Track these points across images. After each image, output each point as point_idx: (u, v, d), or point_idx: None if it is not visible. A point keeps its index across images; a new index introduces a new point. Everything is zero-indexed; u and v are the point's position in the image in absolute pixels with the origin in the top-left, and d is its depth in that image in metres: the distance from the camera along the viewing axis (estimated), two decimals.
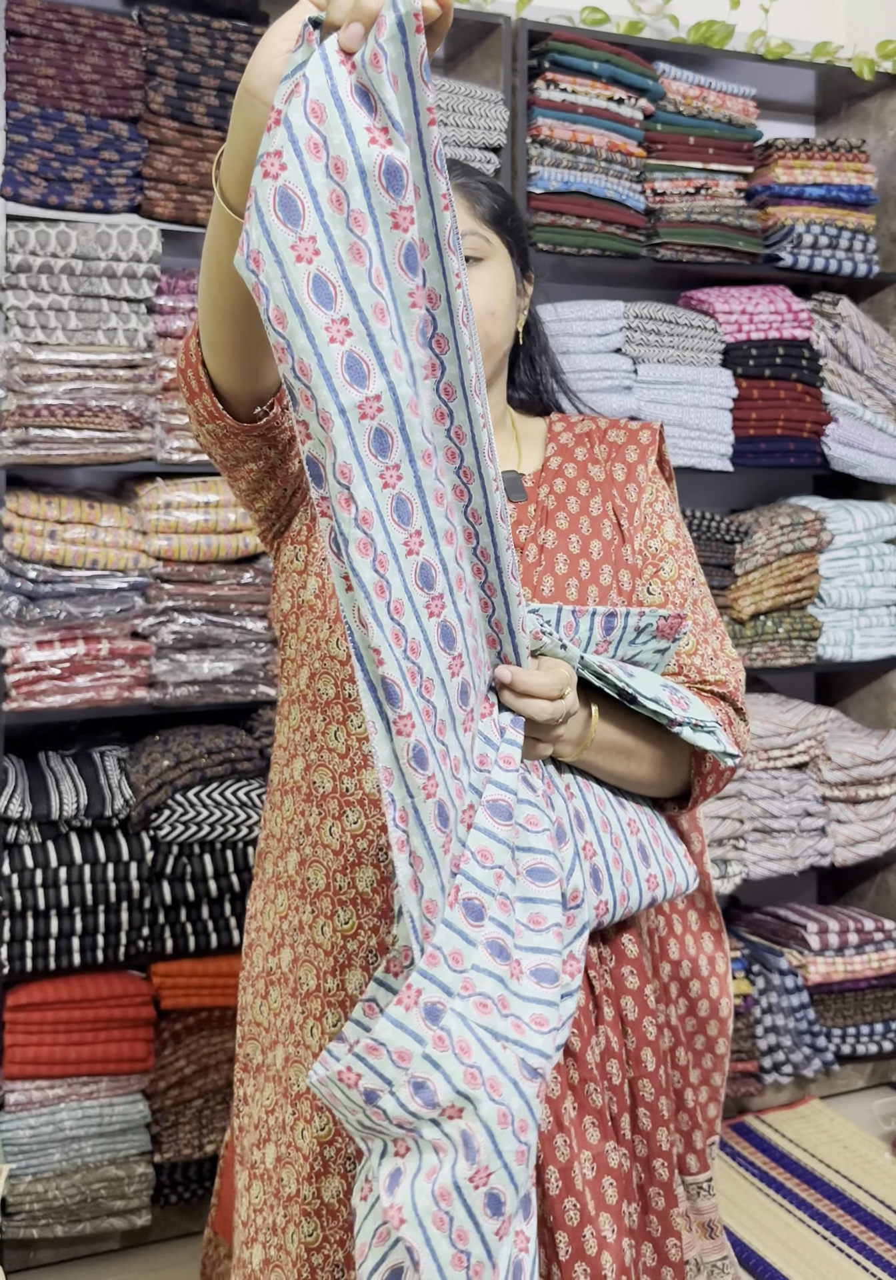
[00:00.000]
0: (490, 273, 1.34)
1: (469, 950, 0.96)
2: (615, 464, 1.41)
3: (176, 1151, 2.43)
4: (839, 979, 2.95)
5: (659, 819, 1.32)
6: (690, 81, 2.86)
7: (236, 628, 2.47)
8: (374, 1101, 0.93)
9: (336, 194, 0.87)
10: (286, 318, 0.87)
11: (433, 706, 0.95)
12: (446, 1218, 0.91)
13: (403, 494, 0.93)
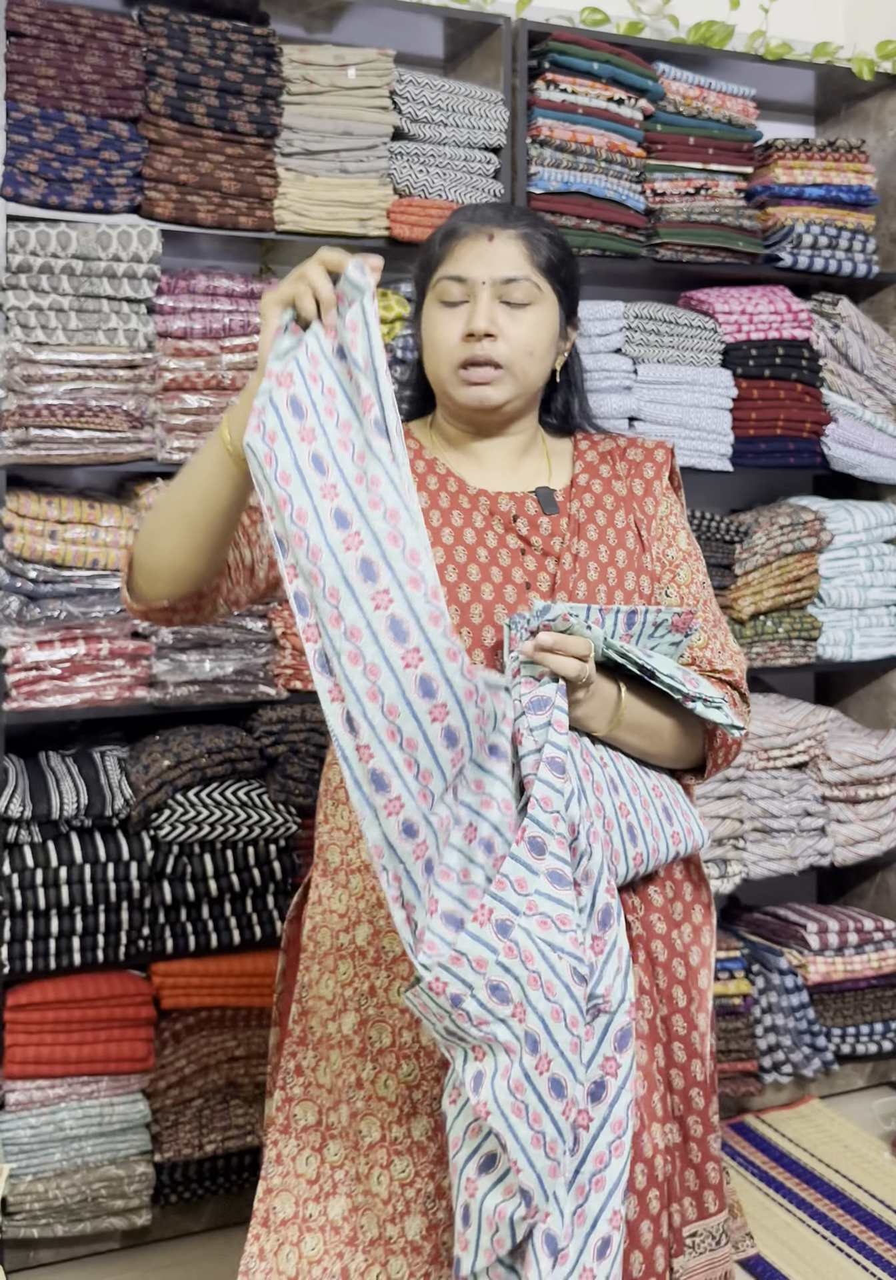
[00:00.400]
0: (535, 315, 1.48)
1: (532, 878, 1.21)
2: (634, 480, 1.56)
3: (176, 1151, 2.44)
4: (838, 979, 2.95)
5: (676, 786, 1.48)
6: (690, 82, 2.86)
7: (237, 627, 2.48)
8: (458, 1005, 1.17)
9: (329, 407, 1.24)
10: (290, 478, 1.19)
11: (428, 790, 1.18)
12: (522, 1105, 1.18)
13: (395, 614, 1.16)
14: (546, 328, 1.49)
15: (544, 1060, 1.18)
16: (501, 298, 1.46)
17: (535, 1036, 1.18)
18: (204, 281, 2.43)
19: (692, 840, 1.45)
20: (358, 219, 2.53)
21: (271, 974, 2.49)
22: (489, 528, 1.50)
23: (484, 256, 1.46)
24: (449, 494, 1.51)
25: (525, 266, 1.46)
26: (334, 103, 2.50)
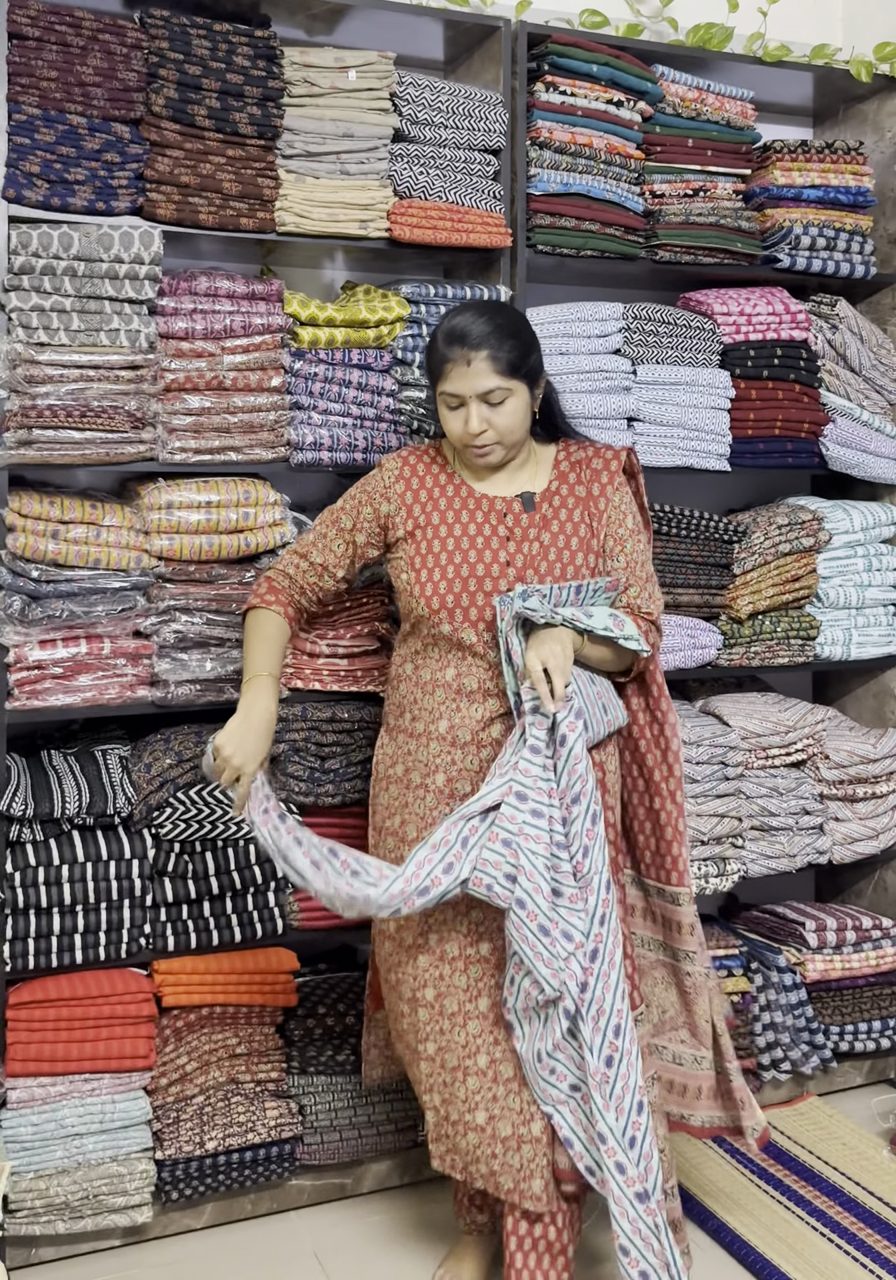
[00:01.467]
0: (510, 406, 2.10)
1: (520, 814, 2.00)
2: (593, 484, 2.20)
3: (178, 1148, 2.44)
4: (837, 976, 2.96)
5: (610, 687, 2.19)
6: (689, 84, 2.87)
7: (238, 627, 2.48)
8: (490, 890, 2.00)
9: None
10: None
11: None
12: (526, 936, 1.98)
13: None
14: (519, 409, 2.12)
15: (531, 914, 1.96)
16: (484, 400, 2.09)
17: (523, 899, 1.97)
18: (205, 283, 2.44)
19: (618, 721, 2.19)
20: (358, 220, 2.54)
21: (272, 972, 2.50)
22: (486, 521, 2.15)
23: (465, 377, 2.08)
24: (461, 498, 2.18)
25: (494, 379, 2.08)
26: (335, 105, 2.52)
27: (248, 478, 2.52)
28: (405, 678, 2.21)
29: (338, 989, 2.65)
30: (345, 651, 2.56)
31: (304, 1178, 2.60)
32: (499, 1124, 2.08)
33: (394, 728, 2.23)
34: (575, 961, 1.98)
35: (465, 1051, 2.11)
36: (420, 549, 2.15)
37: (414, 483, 2.21)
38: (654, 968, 2.31)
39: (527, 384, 2.12)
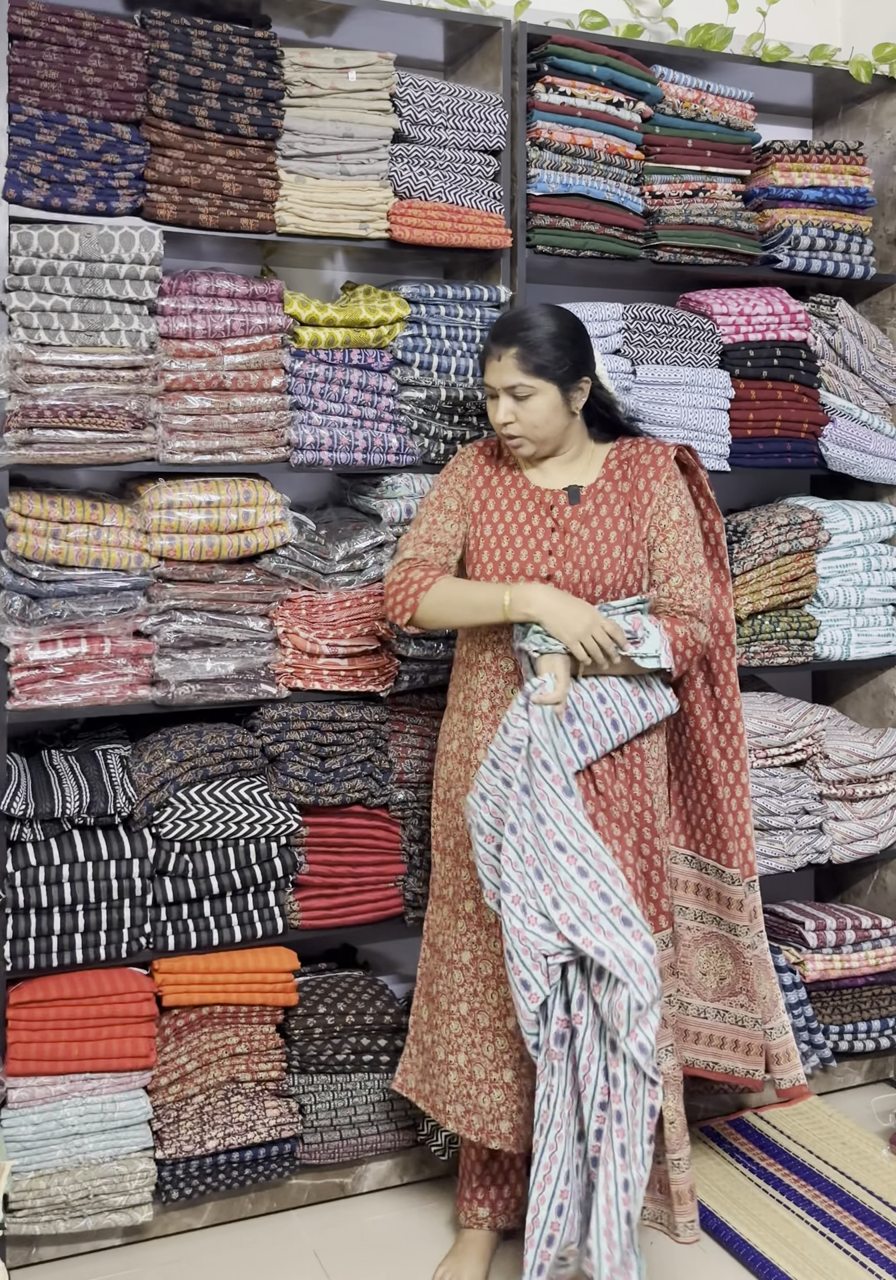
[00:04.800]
0: (534, 403, 2.22)
1: (506, 790, 2.13)
2: (638, 479, 2.30)
3: (178, 1148, 2.44)
4: (836, 976, 2.96)
5: (654, 681, 2.24)
6: (688, 85, 2.88)
7: (238, 626, 2.49)
8: (480, 831, 2.16)
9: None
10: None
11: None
12: (510, 887, 2.07)
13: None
14: (544, 408, 2.22)
15: (510, 862, 2.07)
16: (512, 395, 2.22)
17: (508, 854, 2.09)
18: (205, 283, 2.44)
19: (663, 711, 2.24)
20: (358, 221, 2.54)
21: (272, 971, 2.51)
22: (536, 512, 2.29)
23: (496, 371, 2.24)
24: (516, 489, 2.32)
25: (519, 376, 2.21)
26: (335, 105, 2.52)
27: (248, 478, 2.52)
28: (460, 659, 2.37)
29: (338, 988, 2.65)
30: (345, 651, 2.56)
31: (304, 1177, 2.61)
32: (525, 1082, 2.23)
33: (451, 706, 2.38)
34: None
35: (497, 1014, 2.25)
36: (478, 533, 2.31)
37: (486, 470, 2.36)
38: (708, 939, 2.43)
39: (558, 385, 2.22)
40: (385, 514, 2.60)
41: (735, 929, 2.39)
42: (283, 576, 2.53)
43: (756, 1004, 2.40)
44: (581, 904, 2.02)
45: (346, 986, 2.67)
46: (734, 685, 2.41)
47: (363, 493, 2.73)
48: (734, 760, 2.40)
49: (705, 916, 2.43)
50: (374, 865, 2.62)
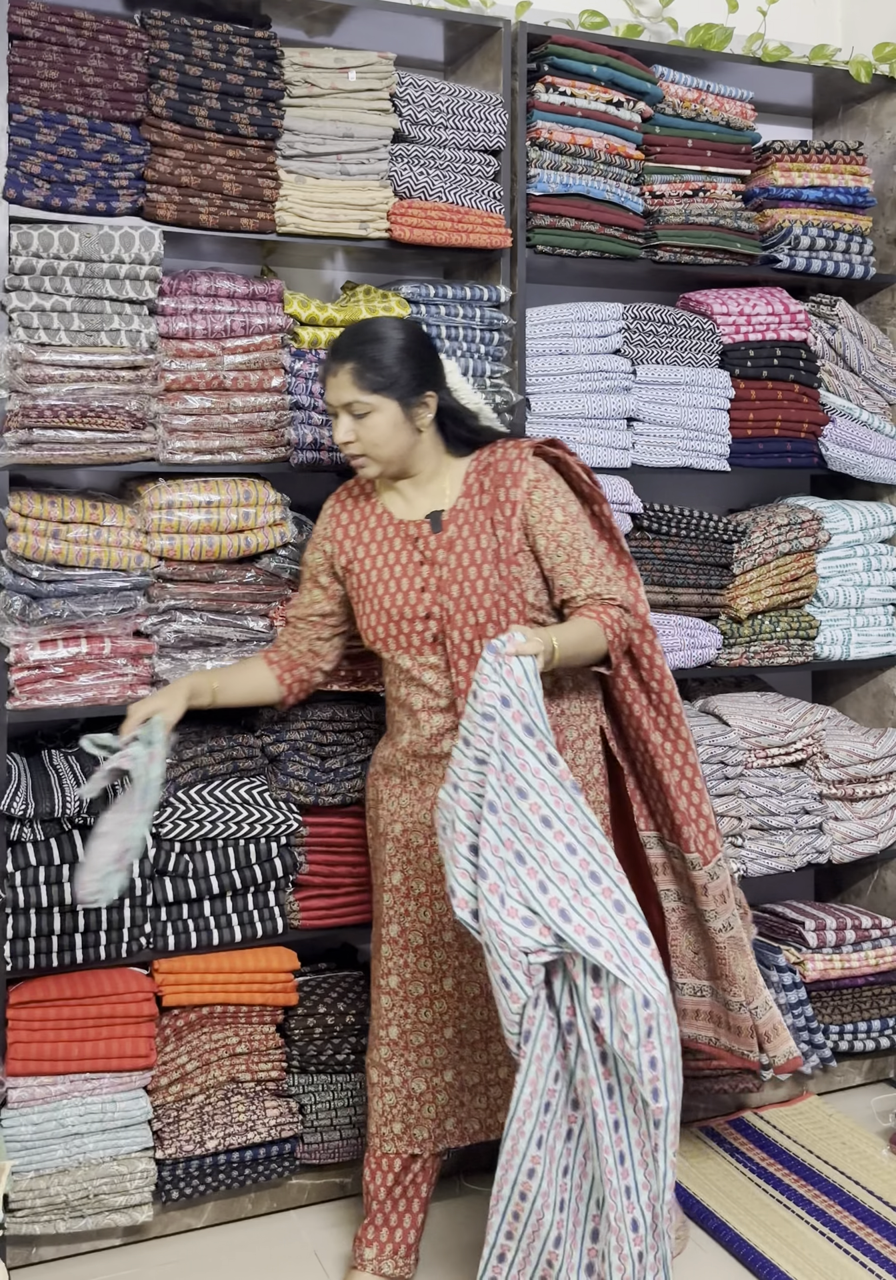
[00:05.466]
0: (372, 420, 2.14)
1: (464, 774, 1.94)
2: (498, 489, 2.20)
3: (178, 1148, 2.44)
4: (836, 976, 2.96)
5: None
6: (688, 84, 2.88)
7: (238, 626, 2.49)
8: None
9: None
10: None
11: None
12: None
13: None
14: (383, 425, 2.14)
15: (460, 835, 1.90)
16: (350, 413, 2.15)
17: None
18: (205, 283, 2.44)
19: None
20: (358, 221, 2.54)
21: (272, 971, 2.51)
22: (403, 548, 2.22)
23: (334, 389, 2.16)
24: (382, 527, 2.26)
25: (355, 393, 2.13)
26: (335, 105, 2.52)
27: (248, 478, 2.52)
28: (386, 692, 2.34)
29: (338, 988, 2.65)
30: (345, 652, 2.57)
31: (304, 1177, 2.61)
32: (467, 1077, 2.27)
33: (386, 733, 2.36)
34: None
35: (487, 1024, 2.25)
36: (355, 584, 2.27)
37: (344, 518, 2.30)
38: (692, 919, 2.41)
39: (398, 402, 2.14)
40: None
41: (704, 914, 2.36)
42: (283, 576, 2.53)
43: (737, 986, 2.37)
44: (572, 885, 1.84)
45: (346, 986, 2.67)
46: (661, 667, 2.32)
47: None
48: (677, 741, 2.33)
49: (683, 897, 2.41)
50: None
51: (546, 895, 1.84)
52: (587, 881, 1.85)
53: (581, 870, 1.85)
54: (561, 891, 1.84)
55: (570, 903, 1.83)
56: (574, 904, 1.83)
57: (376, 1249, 2.30)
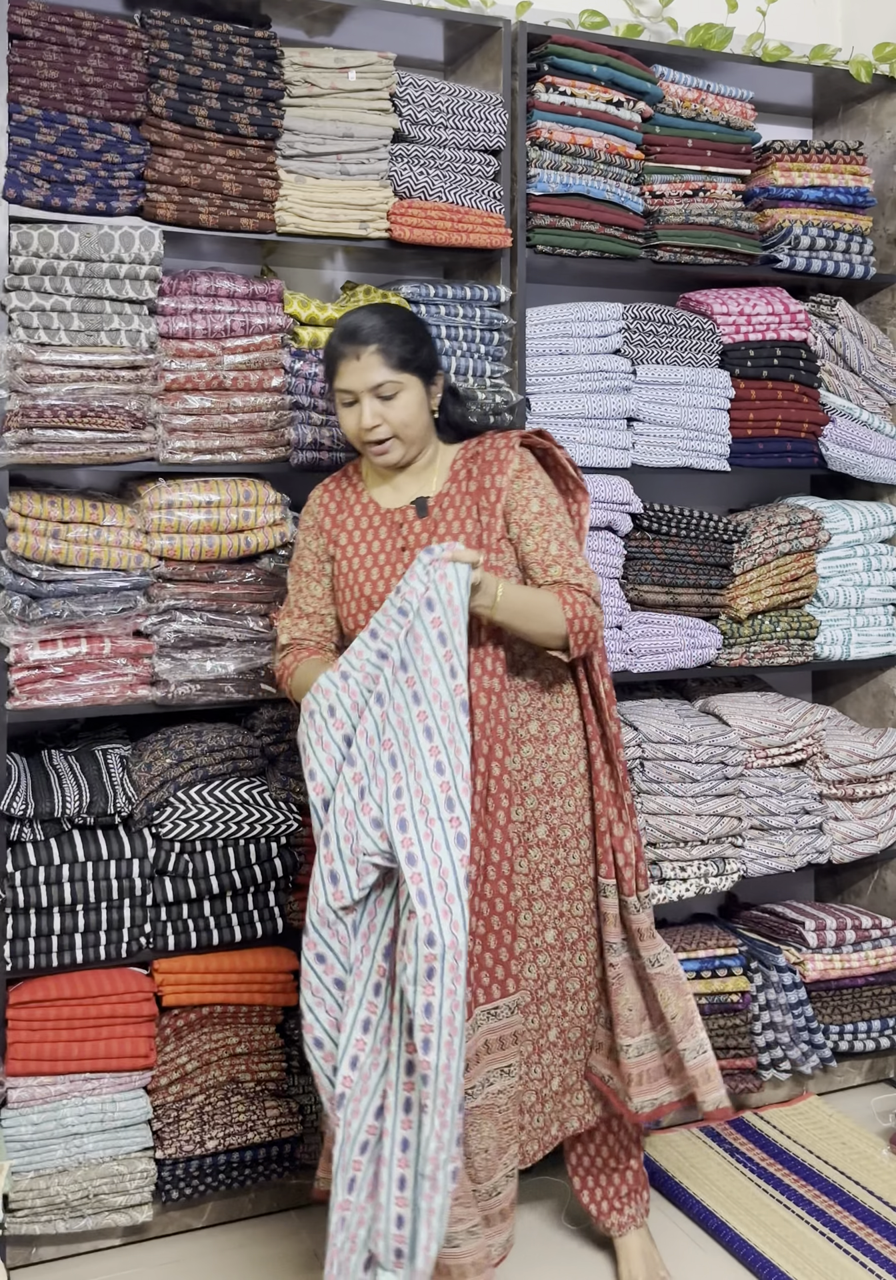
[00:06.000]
0: (402, 400, 2.10)
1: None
2: (484, 476, 2.16)
3: (178, 1148, 2.45)
4: (836, 976, 2.96)
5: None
6: (688, 84, 2.88)
7: (238, 626, 2.49)
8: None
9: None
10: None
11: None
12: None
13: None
14: (412, 403, 2.11)
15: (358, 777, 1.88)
16: (376, 395, 2.09)
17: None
18: (205, 283, 2.44)
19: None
20: (358, 221, 2.54)
21: (272, 971, 2.50)
22: (388, 536, 2.17)
23: (357, 373, 2.09)
24: (367, 516, 2.21)
25: (385, 372, 2.08)
26: (335, 105, 2.52)
27: (248, 478, 2.52)
28: None
29: None
30: None
31: (304, 1177, 2.60)
32: (526, 1097, 2.18)
33: None
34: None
35: (539, 1032, 2.18)
36: (337, 571, 2.21)
37: (331, 508, 2.25)
38: (628, 971, 2.23)
39: (421, 379, 2.12)
40: None
41: (638, 954, 2.21)
42: (282, 576, 2.53)
43: (667, 1025, 2.21)
44: (424, 801, 1.80)
45: None
46: (608, 677, 2.22)
47: None
48: (613, 769, 2.20)
49: (620, 946, 2.22)
50: None
51: (398, 801, 1.82)
52: (442, 805, 1.81)
53: (439, 792, 1.81)
54: (412, 804, 1.81)
55: (415, 817, 1.80)
56: (418, 819, 1.80)
57: None
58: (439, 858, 1.78)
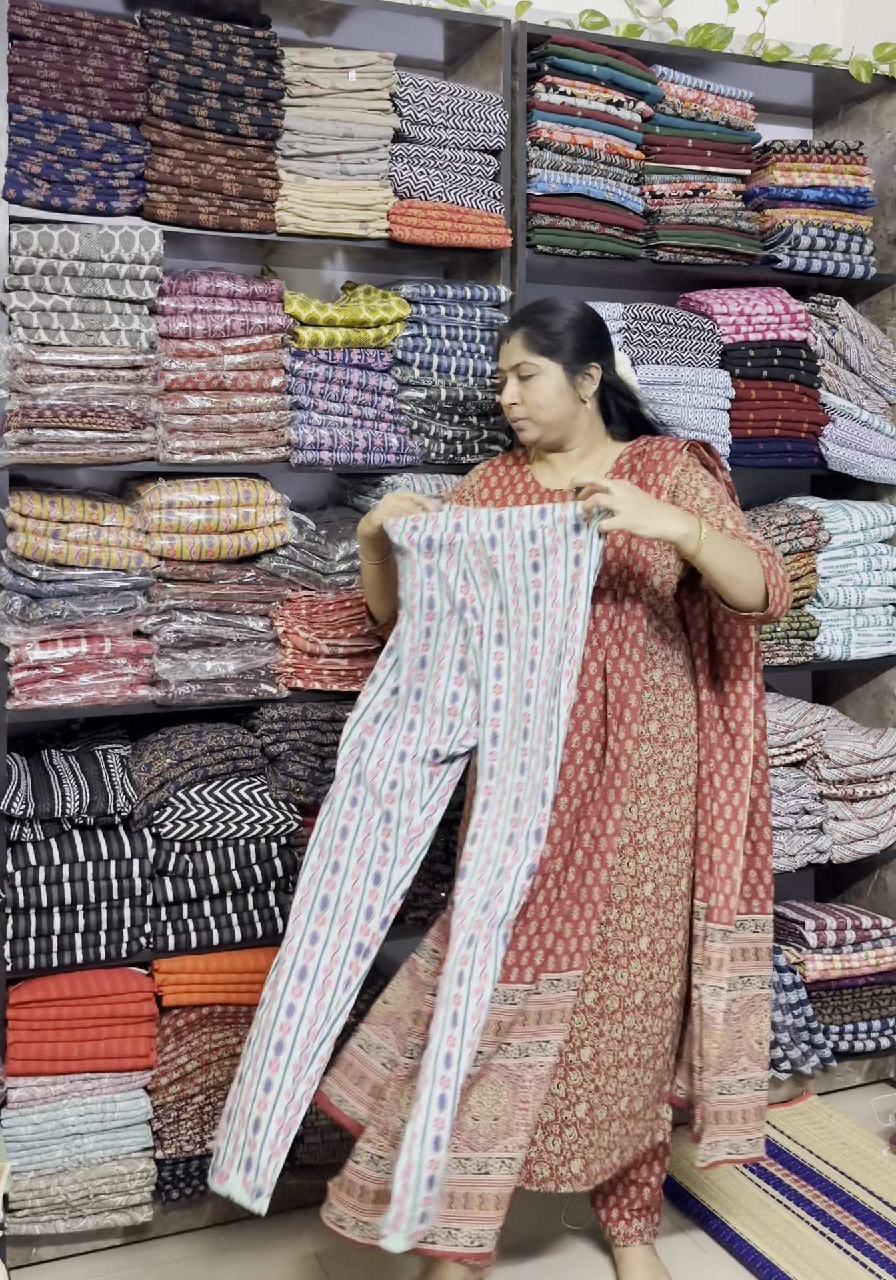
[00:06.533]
0: (537, 383, 2.21)
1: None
2: (647, 473, 2.20)
3: (178, 1148, 2.45)
4: (836, 976, 2.96)
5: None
6: (688, 84, 2.88)
7: (238, 626, 2.49)
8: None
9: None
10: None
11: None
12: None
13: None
14: (547, 388, 2.21)
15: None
16: (518, 375, 2.23)
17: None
18: (205, 283, 2.44)
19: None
20: (358, 221, 2.54)
21: None
22: None
23: (505, 353, 2.26)
24: (527, 494, 2.28)
25: (523, 354, 2.22)
26: (335, 105, 2.52)
27: (248, 478, 2.52)
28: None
29: None
30: (345, 651, 2.56)
31: (304, 1177, 2.60)
32: (597, 1112, 2.14)
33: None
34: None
35: (620, 1045, 2.15)
36: None
37: (492, 480, 2.34)
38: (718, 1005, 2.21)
39: (563, 366, 2.20)
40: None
41: (699, 987, 2.20)
42: (282, 576, 2.53)
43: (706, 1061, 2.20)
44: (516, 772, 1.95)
45: None
46: (758, 710, 2.23)
47: (363, 493, 2.73)
48: (734, 794, 2.21)
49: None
50: None
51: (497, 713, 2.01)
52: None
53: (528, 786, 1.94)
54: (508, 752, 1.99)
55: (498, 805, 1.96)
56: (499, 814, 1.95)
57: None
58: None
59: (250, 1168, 1.80)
